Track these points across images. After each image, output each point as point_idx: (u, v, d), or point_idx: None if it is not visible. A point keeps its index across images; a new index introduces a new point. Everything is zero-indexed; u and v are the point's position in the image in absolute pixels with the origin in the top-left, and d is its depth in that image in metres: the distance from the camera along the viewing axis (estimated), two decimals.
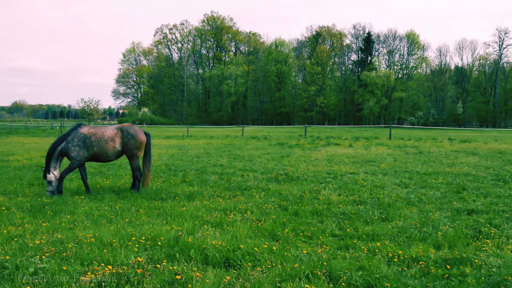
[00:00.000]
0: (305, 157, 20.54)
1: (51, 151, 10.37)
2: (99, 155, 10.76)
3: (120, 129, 11.03)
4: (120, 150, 10.96)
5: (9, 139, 37.32)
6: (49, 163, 10.27)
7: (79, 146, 10.50)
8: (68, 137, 10.52)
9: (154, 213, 8.52)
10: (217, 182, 12.57)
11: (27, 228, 7.32)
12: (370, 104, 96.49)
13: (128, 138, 10.95)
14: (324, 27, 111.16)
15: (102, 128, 10.97)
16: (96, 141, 10.62)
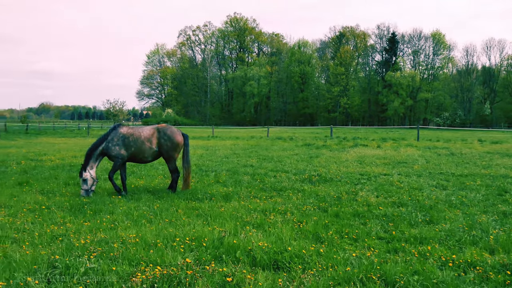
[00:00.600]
0: (335, 158, 20.29)
1: (91, 150, 10.42)
2: (137, 155, 10.77)
3: (156, 129, 11.00)
4: (157, 150, 10.93)
5: (39, 139, 37.96)
6: (87, 162, 10.32)
7: (119, 145, 10.54)
8: (108, 137, 10.57)
9: (193, 213, 8.44)
10: (250, 182, 12.46)
11: (70, 227, 7.31)
12: (394, 105, 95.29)
13: (164, 139, 10.91)
14: (347, 27, 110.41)
15: (139, 128, 10.97)
16: (134, 141, 10.64)
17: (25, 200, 9.60)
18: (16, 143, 31.37)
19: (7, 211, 8.57)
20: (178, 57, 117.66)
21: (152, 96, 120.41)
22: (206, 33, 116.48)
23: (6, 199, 9.75)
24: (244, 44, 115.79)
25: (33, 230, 7.13)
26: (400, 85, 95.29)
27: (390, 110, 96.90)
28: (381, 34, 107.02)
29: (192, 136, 43.94)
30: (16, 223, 7.53)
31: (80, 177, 10.21)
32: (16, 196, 10.10)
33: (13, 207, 8.90)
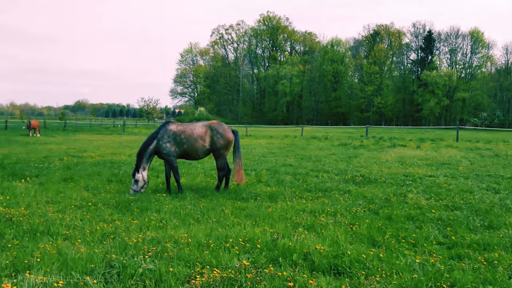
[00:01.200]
0: (374, 158, 19.84)
1: (142, 150, 10.37)
2: (190, 153, 10.67)
3: (209, 127, 10.85)
4: (209, 148, 10.82)
5: (76, 136, 38.71)
6: (140, 162, 10.27)
7: (170, 142, 10.45)
8: (158, 135, 10.49)
9: (241, 213, 8.27)
10: (293, 182, 12.24)
11: (118, 225, 7.25)
12: (430, 104, 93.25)
13: (217, 136, 10.78)
14: (382, 25, 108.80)
15: (190, 125, 10.85)
16: (186, 138, 10.52)
17: (71, 196, 9.63)
18: (55, 140, 32.03)
19: (55, 207, 8.60)
20: (211, 56, 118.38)
21: (185, 95, 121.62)
22: (239, 31, 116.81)
23: (53, 194, 9.81)
24: (276, 43, 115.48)
25: (83, 227, 7.10)
26: (436, 84, 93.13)
27: (425, 110, 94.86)
28: (417, 32, 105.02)
29: None
30: (65, 219, 7.52)
31: (133, 177, 10.17)
32: (62, 192, 10.16)
33: (61, 203, 8.93)
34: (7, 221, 7.23)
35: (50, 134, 40.04)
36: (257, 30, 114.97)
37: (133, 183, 10.18)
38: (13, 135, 36.04)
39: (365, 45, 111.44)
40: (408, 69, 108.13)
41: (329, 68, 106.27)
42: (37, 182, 11.46)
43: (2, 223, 7.07)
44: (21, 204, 8.62)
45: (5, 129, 46.15)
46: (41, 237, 6.51)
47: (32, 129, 37.33)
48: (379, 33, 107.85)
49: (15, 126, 54.57)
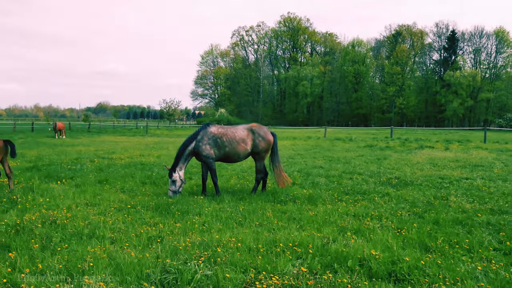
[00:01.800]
0: (404, 160, 19.51)
1: (181, 151, 10.31)
2: (231, 156, 10.58)
3: (251, 130, 10.74)
4: (250, 151, 10.72)
5: (101, 137, 39.03)
6: (177, 163, 10.22)
7: (210, 145, 10.37)
8: (198, 136, 10.42)
9: (283, 216, 8.13)
10: (328, 185, 12.05)
11: (162, 228, 7.18)
12: (454, 105, 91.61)
13: (259, 139, 10.68)
14: (404, 25, 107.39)
15: (231, 128, 10.77)
16: (228, 141, 10.43)
17: (109, 199, 9.62)
18: (81, 141, 32.35)
19: (95, 209, 8.58)
20: (231, 57, 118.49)
21: (205, 96, 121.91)
22: (259, 33, 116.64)
23: (91, 197, 9.82)
24: (297, 44, 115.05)
25: (127, 230, 7.04)
26: (459, 84, 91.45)
27: (448, 111, 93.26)
28: (440, 32, 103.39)
29: None
30: (108, 222, 7.48)
31: (170, 178, 10.11)
32: (100, 194, 10.17)
33: (100, 206, 8.92)
34: (51, 223, 7.23)
35: (76, 136, 40.49)
36: (278, 31, 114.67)
37: (170, 184, 10.13)
38: (40, 137, 36.53)
39: (387, 46, 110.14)
40: (431, 69, 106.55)
41: (350, 69, 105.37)
42: (73, 184, 11.51)
43: (47, 226, 7.06)
44: (61, 207, 8.63)
45: (31, 131, 46.87)
46: (88, 240, 6.47)
47: (58, 131, 37.80)
48: (401, 33, 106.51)
49: (40, 128, 55.42)
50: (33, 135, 40.61)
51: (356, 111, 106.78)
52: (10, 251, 5.89)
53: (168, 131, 58.62)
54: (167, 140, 34.45)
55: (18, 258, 5.46)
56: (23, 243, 6.13)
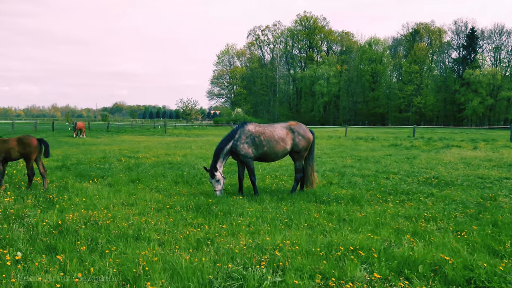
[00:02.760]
0: (435, 159, 18.98)
1: (219, 150, 10.00)
2: (269, 155, 10.22)
3: (290, 129, 10.37)
4: (289, 150, 10.38)
5: (121, 137, 38.97)
6: (216, 162, 9.91)
7: (248, 143, 10.03)
8: (236, 135, 10.09)
9: (331, 218, 7.75)
10: (367, 184, 11.64)
11: (207, 230, 6.86)
12: (473, 104, 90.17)
13: (299, 138, 10.32)
14: (422, 23, 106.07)
15: (269, 127, 10.41)
16: (266, 140, 10.08)
17: (145, 198, 9.35)
18: (102, 141, 32.27)
19: (134, 209, 8.30)
20: (247, 57, 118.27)
21: (222, 96, 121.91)
22: (275, 32, 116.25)
23: (126, 196, 9.55)
24: (313, 43, 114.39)
25: (172, 231, 6.74)
26: (479, 83, 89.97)
27: (468, 110, 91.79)
28: (458, 30, 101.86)
29: None
30: (150, 223, 7.19)
31: (212, 178, 9.78)
32: (134, 194, 9.90)
33: (138, 206, 8.64)
34: (93, 224, 6.95)
35: (96, 135, 40.50)
36: (294, 31, 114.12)
37: (215, 184, 9.80)
38: (61, 137, 36.57)
39: (404, 44, 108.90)
40: (449, 68, 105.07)
41: (367, 68, 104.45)
42: (105, 183, 11.27)
43: (90, 227, 6.78)
44: (99, 207, 8.37)
45: (52, 131, 47.06)
46: (134, 242, 6.18)
47: (78, 130, 37.85)
48: (419, 31, 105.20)
49: (60, 128, 55.71)
50: (54, 134, 40.74)
51: (373, 110, 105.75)
52: (56, 253, 5.62)
53: (186, 130, 58.48)
54: (187, 140, 34.25)
55: (67, 261, 5.18)
56: (69, 245, 5.85)
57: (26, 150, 9.59)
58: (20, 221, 6.91)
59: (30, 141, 9.65)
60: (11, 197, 8.47)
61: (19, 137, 9.76)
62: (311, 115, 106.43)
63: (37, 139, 9.87)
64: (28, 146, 9.60)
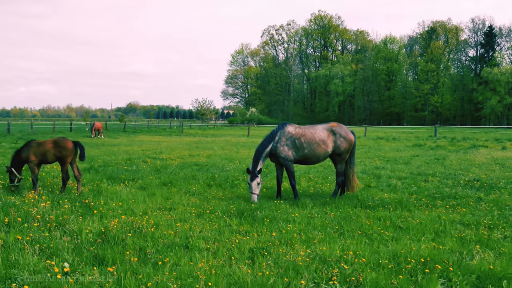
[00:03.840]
0: (466, 160, 18.42)
1: (259, 153, 9.59)
2: (309, 158, 9.82)
3: (331, 131, 9.95)
4: (330, 153, 9.98)
5: (138, 137, 38.76)
6: (256, 166, 9.51)
7: (288, 146, 9.63)
8: (276, 137, 9.70)
9: (384, 224, 7.32)
10: (407, 188, 11.15)
11: (259, 239, 6.47)
12: (492, 103, 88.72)
13: (340, 140, 9.89)
14: (438, 22, 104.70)
15: (309, 128, 9.99)
16: (307, 143, 9.67)
17: (181, 203, 8.99)
18: (121, 141, 32.07)
19: (173, 214, 7.95)
20: (261, 57, 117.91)
21: (236, 96, 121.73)
22: (290, 31, 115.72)
23: (162, 201, 9.21)
24: (328, 42, 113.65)
25: (221, 240, 6.37)
26: (498, 81, 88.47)
27: (486, 109, 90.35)
28: (476, 28, 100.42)
29: None
30: (195, 230, 6.83)
31: (252, 181, 9.34)
32: (170, 198, 9.55)
33: (176, 211, 8.30)
34: (135, 232, 6.60)
35: (113, 136, 40.35)
36: (308, 30, 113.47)
37: (254, 188, 9.35)
38: (79, 137, 36.44)
39: (420, 42, 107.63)
40: (466, 66, 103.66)
41: (383, 66, 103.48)
42: (137, 186, 10.94)
43: (135, 235, 6.42)
44: (136, 212, 8.04)
45: (69, 131, 47.11)
46: (184, 252, 5.82)
47: (96, 130, 37.77)
48: (435, 29, 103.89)
49: (78, 128, 55.82)
50: (72, 134, 40.72)
51: (389, 110, 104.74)
52: (106, 264, 5.28)
53: (201, 130, 58.26)
54: (205, 140, 33.93)
55: (121, 274, 4.83)
56: (117, 255, 5.50)
57: (62, 153, 9.30)
58: (61, 228, 6.59)
59: (66, 144, 9.35)
60: (46, 202, 8.17)
61: (55, 140, 9.46)
62: (326, 114, 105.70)
63: (72, 141, 9.58)
64: (64, 149, 9.30)
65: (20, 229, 6.43)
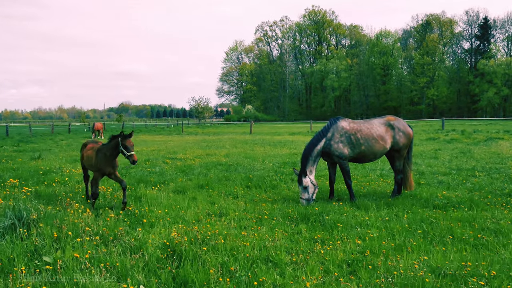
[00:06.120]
0: (493, 153, 17.84)
1: (308, 151, 8.79)
2: (366, 155, 9.02)
3: (389, 125, 9.16)
4: (388, 149, 9.20)
5: (139, 137, 37.73)
6: (305, 166, 8.70)
7: (343, 142, 8.83)
8: (328, 133, 8.87)
9: (474, 227, 6.56)
10: (460, 184, 10.42)
11: (343, 247, 5.70)
12: (488, 95, 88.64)
13: (399, 135, 9.12)
14: (432, 15, 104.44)
15: (365, 123, 9.19)
16: (364, 139, 8.87)
17: (229, 207, 8.17)
18: None
19: (227, 221, 7.14)
20: (256, 53, 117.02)
21: (231, 93, 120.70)
22: (283, 27, 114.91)
23: (207, 205, 8.39)
24: (322, 37, 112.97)
25: (305, 251, 5.59)
26: (494, 73, 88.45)
27: (483, 101, 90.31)
28: (470, 20, 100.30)
29: (292, 132, 42.39)
30: (266, 239, 6.04)
31: (300, 184, 8.55)
32: (215, 202, 8.73)
33: (228, 216, 7.50)
34: (202, 243, 5.77)
35: None
36: (302, 25, 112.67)
37: (302, 191, 8.57)
38: (79, 138, 35.39)
39: (415, 36, 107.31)
40: (462, 59, 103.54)
41: (378, 61, 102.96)
42: (172, 190, 10.10)
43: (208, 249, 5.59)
44: (188, 219, 7.23)
45: (68, 132, 45.97)
46: (272, 267, 5.02)
47: (96, 131, 36.78)
48: (430, 23, 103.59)
49: (76, 129, 54.61)
50: (71, 136, 39.61)
51: (385, 104, 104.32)
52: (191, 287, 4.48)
53: (200, 129, 57.36)
54: (210, 138, 33.04)
55: None
56: (201, 275, 4.68)
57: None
58: (119, 243, 5.75)
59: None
60: (88, 212, 7.31)
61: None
62: (322, 110, 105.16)
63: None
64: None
65: (73, 244, 5.59)
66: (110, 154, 8.10)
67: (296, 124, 71.86)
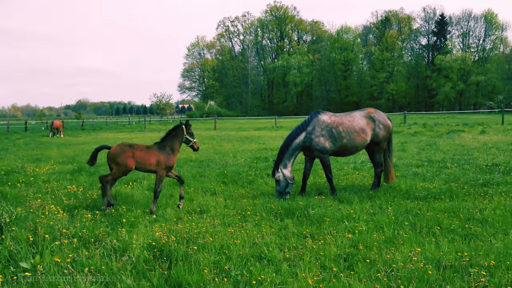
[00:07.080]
0: (458, 145, 18.24)
1: (286, 145, 8.65)
2: (348, 149, 8.93)
3: (370, 117, 9.10)
4: (368, 142, 9.13)
5: (101, 134, 36.81)
6: (280, 159, 8.57)
7: (324, 136, 8.69)
8: (308, 127, 8.73)
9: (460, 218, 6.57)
10: (435, 175, 10.54)
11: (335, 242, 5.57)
12: (445, 89, 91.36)
13: (380, 128, 9.08)
14: (391, 11, 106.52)
15: (346, 116, 9.09)
16: (346, 132, 8.77)
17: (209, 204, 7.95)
18: (84, 139, 30.12)
19: (212, 218, 6.91)
20: (217, 49, 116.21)
21: (193, 89, 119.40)
22: (245, 23, 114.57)
23: (185, 203, 8.11)
24: (284, 33, 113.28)
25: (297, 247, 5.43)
26: (450, 68, 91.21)
27: (440, 95, 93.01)
28: (427, 16, 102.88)
29: (257, 127, 42.28)
30: (254, 235, 5.85)
31: (273, 177, 8.49)
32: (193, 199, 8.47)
33: (209, 213, 7.27)
34: (190, 242, 5.51)
35: (73, 134, 38.08)
36: (264, 21, 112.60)
37: (275, 184, 8.52)
38: (37, 137, 34.11)
39: (375, 32, 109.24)
40: (420, 54, 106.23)
41: (339, 56, 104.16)
42: (146, 188, 9.78)
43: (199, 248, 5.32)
44: (168, 218, 6.95)
45: (24, 131, 44.19)
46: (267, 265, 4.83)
47: (55, 129, 35.52)
48: (389, 19, 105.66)
49: (33, 127, 52.59)
50: (29, 134, 38.16)
51: (346, 99, 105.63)
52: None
53: (163, 126, 56.40)
54: None
55: None
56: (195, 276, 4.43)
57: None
58: (101, 245, 5.41)
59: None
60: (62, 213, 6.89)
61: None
62: (285, 105, 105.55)
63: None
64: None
65: (51, 248, 5.22)
66: (177, 145, 7.83)
67: (259, 119, 71.81)
